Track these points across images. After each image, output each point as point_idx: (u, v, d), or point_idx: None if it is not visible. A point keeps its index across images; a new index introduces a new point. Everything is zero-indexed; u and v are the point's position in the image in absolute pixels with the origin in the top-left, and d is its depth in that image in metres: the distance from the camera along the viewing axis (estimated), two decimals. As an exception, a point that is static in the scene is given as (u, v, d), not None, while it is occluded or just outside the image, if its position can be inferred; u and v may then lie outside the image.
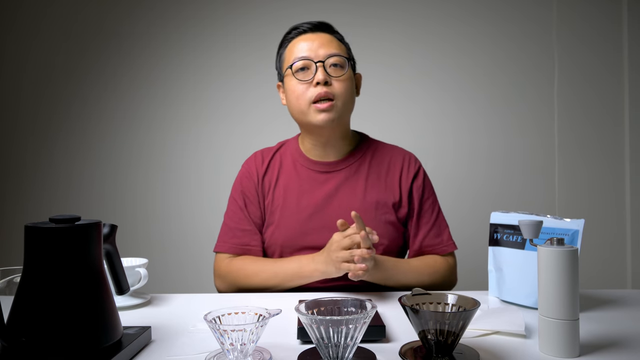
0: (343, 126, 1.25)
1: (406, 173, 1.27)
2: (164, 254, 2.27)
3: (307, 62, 1.19)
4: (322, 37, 1.22)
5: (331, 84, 1.19)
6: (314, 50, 1.20)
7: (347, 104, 1.22)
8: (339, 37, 1.27)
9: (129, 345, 0.74)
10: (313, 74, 1.19)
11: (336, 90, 1.19)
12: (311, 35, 1.23)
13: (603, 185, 2.24)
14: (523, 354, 0.75)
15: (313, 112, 1.19)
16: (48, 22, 2.35)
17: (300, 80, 1.20)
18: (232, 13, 2.31)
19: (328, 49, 1.21)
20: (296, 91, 1.21)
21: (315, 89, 1.18)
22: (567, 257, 0.74)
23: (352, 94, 1.24)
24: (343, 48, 1.25)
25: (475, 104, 2.28)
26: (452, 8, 2.27)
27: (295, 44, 1.23)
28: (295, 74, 1.20)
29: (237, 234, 1.26)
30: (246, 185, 1.30)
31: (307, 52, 1.20)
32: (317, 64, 1.18)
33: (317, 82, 1.17)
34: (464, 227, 2.04)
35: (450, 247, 1.25)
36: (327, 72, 1.19)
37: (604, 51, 2.24)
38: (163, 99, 2.34)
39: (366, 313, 0.67)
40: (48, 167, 2.36)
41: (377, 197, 1.23)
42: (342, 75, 1.20)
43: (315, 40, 1.21)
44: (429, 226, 1.25)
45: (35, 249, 0.70)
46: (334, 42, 1.23)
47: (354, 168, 1.26)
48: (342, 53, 1.22)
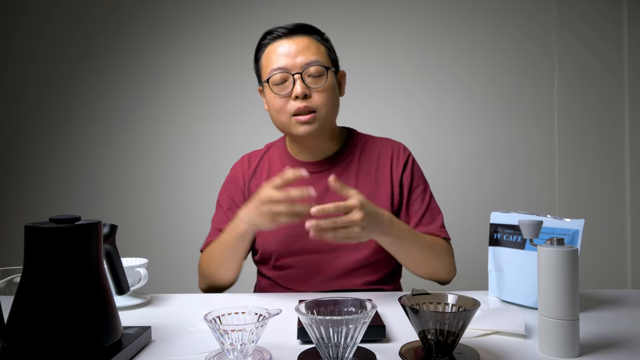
0: (328, 131, 1.22)
1: (396, 164, 1.25)
2: (164, 254, 2.27)
3: (285, 75, 1.14)
4: (299, 42, 1.15)
5: (311, 96, 1.14)
6: (291, 58, 1.14)
7: (329, 112, 1.17)
8: (318, 37, 1.19)
9: (129, 345, 0.74)
10: (291, 86, 1.13)
11: (316, 102, 1.14)
12: (287, 41, 1.16)
13: (603, 185, 2.24)
14: (523, 354, 0.75)
15: (294, 125, 1.15)
16: (51, 26, 2.35)
17: (278, 94, 1.15)
18: (231, 15, 2.32)
19: (306, 56, 1.14)
20: (275, 105, 1.16)
21: (294, 102, 1.14)
22: (567, 257, 0.74)
23: (334, 101, 1.19)
24: (323, 50, 1.18)
25: (475, 104, 2.28)
26: (452, 8, 2.27)
27: (271, 50, 1.17)
28: (273, 88, 1.15)
29: (215, 234, 1.24)
30: (233, 191, 1.28)
31: (284, 62, 1.14)
32: (295, 76, 1.13)
33: (296, 96, 1.13)
34: (464, 227, 2.04)
35: (443, 234, 1.21)
36: (305, 84, 1.13)
37: (604, 51, 2.24)
38: (163, 100, 2.34)
39: (366, 313, 0.67)
40: (48, 167, 2.36)
41: (368, 193, 1.20)
42: (322, 85, 1.14)
43: (292, 46, 1.15)
44: (420, 213, 1.22)
45: (35, 249, 0.70)
46: (312, 46, 1.16)
47: (343, 166, 1.24)
48: (322, 59, 1.16)
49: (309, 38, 1.17)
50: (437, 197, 1.30)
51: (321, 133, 1.19)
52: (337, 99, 1.22)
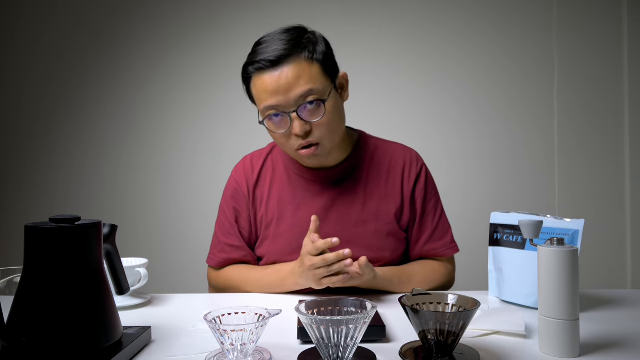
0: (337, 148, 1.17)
1: (408, 176, 1.20)
2: (164, 254, 2.27)
3: (280, 113, 1.06)
4: (288, 72, 1.04)
5: (311, 130, 1.07)
6: (283, 94, 1.04)
7: (333, 137, 1.11)
8: (307, 55, 1.05)
9: (129, 345, 0.74)
10: (289, 123, 1.06)
11: (318, 135, 1.07)
12: (274, 73, 1.04)
13: (603, 185, 2.24)
14: (523, 354, 0.75)
15: (299, 158, 1.13)
16: (50, 25, 2.35)
17: (276, 132, 1.09)
18: (232, 14, 2.32)
19: (298, 87, 1.03)
20: (277, 140, 1.12)
21: (295, 139, 1.08)
22: (567, 257, 0.74)
23: (336, 126, 1.11)
24: (315, 72, 1.05)
25: (475, 104, 2.28)
26: (453, 9, 2.27)
27: (259, 85, 1.06)
28: (270, 127, 1.09)
29: (226, 249, 1.23)
30: (237, 199, 1.24)
31: (277, 99, 1.04)
32: (292, 115, 1.05)
33: (297, 134, 1.07)
34: (464, 227, 2.03)
35: (453, 250, 1.21)
36: (303, 119, 1.05)
37: (604, 51, 2.24)
38: (163, 100, 2.34)
39: (366, 313, 0.67)
40: (48, 167, 2.36)
41: (377, 206, 1.17)
42: (321, 118, 1.06)
43: (282, 78, 1.03)
44: (431, 229, 1.20)
45: (35, 249, 0.70)
46: (303, 74, 1.04)
47: (351, 175, 1.19)
48: (316, 84, 1.05)
49: (297, 63, 1.04)
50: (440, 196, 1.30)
51: (329, 155, 1.15)
52: (340, 119, 1.14)
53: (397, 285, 1.13)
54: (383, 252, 1.17)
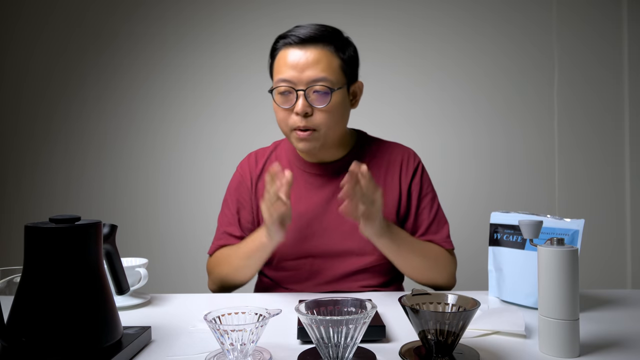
0: (331, 143, 1.19)
1: (405, 171, 1.24)
2: (164, 254, 2.27)
3: (289, 89, 1.11)
4: (310, 54, 1.10)
5: (312, 114, 1.11)
6: (299, 72, 1.09)
7: (332, 130, 1.14)
8: (332, 49, 1.12)
9: (129, 345, 0.74)
10: (294, 100, 1.11)
11: (317, 121, 1.11)
12: (299, 51, 1.10)
13: (603, 185, 2.24)
14: (523, 354, 0.75)
15: (294, 138, 1.14)
16: (50, 25, 2.35)
17: (281, 106, 1.13)
18: (232, 13, 2.32)
19: (314, 72, 1.09)
20: (278, 114, 1.15)
21: (295, 118, 1.11)
22: (567, 257, 0.74)
23: (337, 119, 1.15)
24: (335, 65, 1.12)
25: (475, 104, 2.28)
26: (452, 9, 2.27)
27: (282, 58, 1.13)
28: (277, 98, 1.13)
29: (224, 237, 1.25)
30: (240, 191, 1.27)
31: (291, 74, 1.10)
32: (299, 92, 1.09)
33: (297, 113, 1.10)
34: (464, 227, 2.03)
35: (447, 245, 1.22)
36: (309, 102, 1.10)
37: (604, 51, 2.24)
38: (163, 100, 2.34)
39: (366, 313, 0.67)
40: (48, 167, 2.36)
41: None
42: (325, 106, 1.10)
43: (302, 57, 1.10)
44: (427, 222, 1.22)
45: (35, 249, 0.70)
46: (323, 60, 1.10)
47: None
48: (331, 75, 1.10)
49: (323, 50, 1.11)
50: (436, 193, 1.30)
51: (321, 148, 1.17)
52: (343, 116, 1.17)
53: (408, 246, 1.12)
54: None
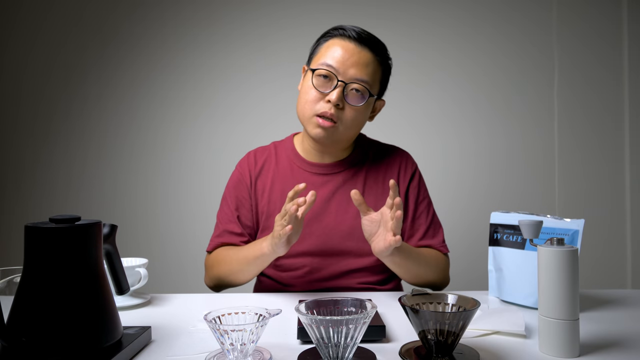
0: (343, 144, 1.22)
1: (403, 176, 1.26)
2: (164, 254, 2.27)
3: (331, 75, 1.13)
4: (361, 55, 1.13)
5: (342, 108, 1.13)
6: (346, 66, 1.12)
7: (349, 130, 1.17)
8: (381, 59, 1.17)
9: (129, 345, 0.74)
10: (332, 88, 1.12)
11: (344, 117, 1.14)
12: (352, 47, 1.13)
13: (603, 185, 2.24)
14: (523, 354, 0.75)
15: (313, 124, 1.15)
16: (49, 24, 2.35)
17: (317, 88, 1.14)
18: (232, 13, 2.32)
19: (360, 72, 1.12)
20: (309, 95, 1.15)
21: (325, 104, 1.13)
22: (567, 257, 0.74)
23: (359, 122, 1.18)
24: (378, 74, 1.17)
25: (475, 104, 2.28)
26: (452, 9, 2.27)
27: (335, 44, 1.14)
28: (315, 78, 1.14)
29: (223, 235, 1.25)
30: (239, 189, 1.27)
31: (337, 64, 1.12)
32: (339, 83, 1.12)
33: (329, 100, 1.12)
34: (464, 227, 2.04)
35: (444, 250, 1.24)
36: (344, 95, 1.12)
37: (604, 51, 2.24)
38: (163, 99, 2.34)
39: (366, 313, 0.67)
40: (48, 167, 2.36)
41: (375, 201, 1.21)
42: (358, 106, 1.14)
43: (355, 54, 1.13)
44: (424, 227, 1.24)
45: (35, 249, 0.70)
46: (370, 66, 1.14)
47: (351, 171, 1.24)
48: (372, 81, 1.14)
49: (373, 56, 1.15)
50: (437, 198, 1.30)
51: (333, 144, 1.19)
52: (363, 121, 1.20)
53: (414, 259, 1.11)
54: None
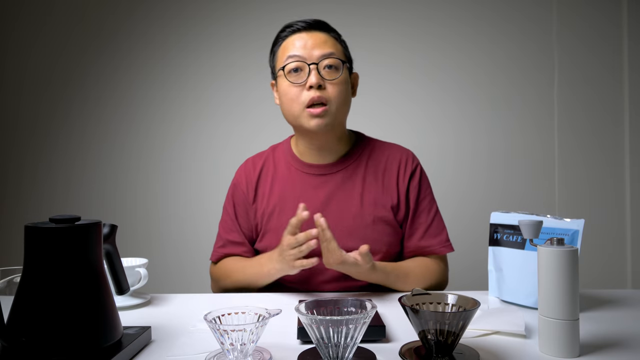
0: (338, 129, 1.22)
1: (403, 172, 1.24)
2: (164, 254, 2.27)
3: (300, 64, 1.15)
4: (316, 37, 1.17)
5: (325, 88, 1.15)
6: (308, 50, 1.15)
7: (341, 107, 1.18)
8: (335, 35, 1.22)
9: (129, 345, 0.74)
10: (306, 76, 1.14)
11: (330, 94, 1.15)
12: (305, 35, 1.18)
13: (603, 185, 2.24)
14: (523, 354, 0.75)
15: (306, 117, 1.15)
16: (49, 24, 2.35)
17: (292, 82, 1.15)
18: (232, 13, 2.32)
19: (322, 49, 1.16)
20: (289, 94, 1.16)
21: (308, 93, 1.14)
22: (567, 257, 0.74)
23: (346, 97, 1.20)
24: (339, 48, 1.20)
25: (475, 104, 2.28)
26: (453, 9, 2.27)
27: (288, 42, 1.18)
28: (288, 76, 1.16)
29: (227, 245, 1.27)
30: (237, 196, 1.28)
31: (301, 52, 1.15)
32: (311, 66, 1.14)
33: (310, 86, 1.13)
34: (464, 227, 2.04)
35: (447, 249, 1.22)
36: (320, 75, 1.14)
37: (604, 51, 2.24)
38: (163, 99, 2.34)
39: (366, 313, 0.67)
40: (48, 167, 2.36)
41: (374, 200, 1.20)
42: (337, 79, 1.16)
43: (310, 39, 1.17)
44: (425, 226, 1.22)
45: (35, 249, 0.70)
46: (329, 42, 1.18)
47: (350, 170, 1.23)
48: (338, 54, 1.18)
49: (327, 34, 1.20)
50: (438, 197, 1.30)
51: (331, 129, 1.18)
52: (349, 96, 1.22)
53: (394, 281, 1.14)
54: (380, 245, 1.18)
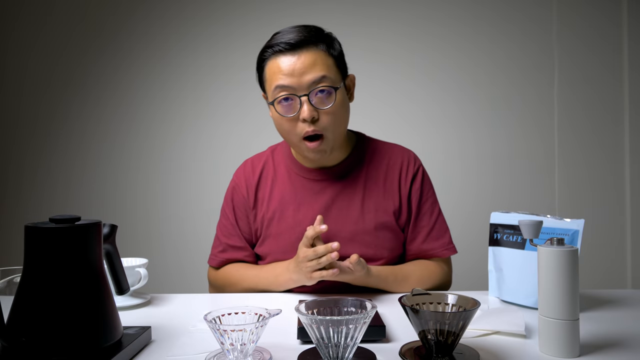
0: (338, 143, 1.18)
1: (405, 175, 1.22)
2: (164, 254, 2.27)
3: (291, 96, 1.08)
4: (304, 58, 1.07)
5: (319, 118, 1.08)
6: (297, 78, 1.06)
7: (338, 132, 1.13)
8: (324, 46, 1.10)
9: (129, 345, 0.74)
10: (298, 107, 1.08)
11: (325, 124, 1.09)
12: (292, 57, 1.07)
13: (603, 185, 2.24)
14: (523, 354, 0.75)
15: (304, 148, 1.12)
16: (49, 24, 2.35)
17: (285, 115, 1.09)
18: (232, 13, 2.32)
19: (313, 73, 1.06)
20: (283, 125, 1.12)
21: (303, 125, 1.09)
22: (567, 257, 0.74)
23: (342, 119, 1.14)
24: (330, 63, 1.10)
25: (475, 104, 2.28)
26: (453, 9, 2.27)
27: (274, 67, 1.09)
28: (279, 109, 1.10)
29: (228, 250, 1.25)
30: (237, 200, 1.26)
31: (289, 81, 1.07)
32: (302, 98, 1.07)
33: (304, 119, 1.08)
34: (464, 227, 2.03)
35: (450, 251, 1.21)
36: (313, 105, 1.07)
37: (604, 51, 2.24)
38: (163, 100, 2.34)
39: (366, 313, 0.67)
40: (48, 167, 2.36)
41: (376, 204, 1.19)
42: (330, 106, 1.08)
43: (298, 62, 1.07)
44: (428, 228, 1.20)
45: (35, 249, 0.70)
46: (318, 61, 1.08)
47: (351, 174, 1.21)
48: (330, 73, 1.08)
49: (315, 51, 1.08)
50: (437, 197, 1.29)
51: (331, 152, 1.17)
52: (347, 114, 1.16)
53: (392, 284, 1.14)
54: (381, 250, 1.17)
